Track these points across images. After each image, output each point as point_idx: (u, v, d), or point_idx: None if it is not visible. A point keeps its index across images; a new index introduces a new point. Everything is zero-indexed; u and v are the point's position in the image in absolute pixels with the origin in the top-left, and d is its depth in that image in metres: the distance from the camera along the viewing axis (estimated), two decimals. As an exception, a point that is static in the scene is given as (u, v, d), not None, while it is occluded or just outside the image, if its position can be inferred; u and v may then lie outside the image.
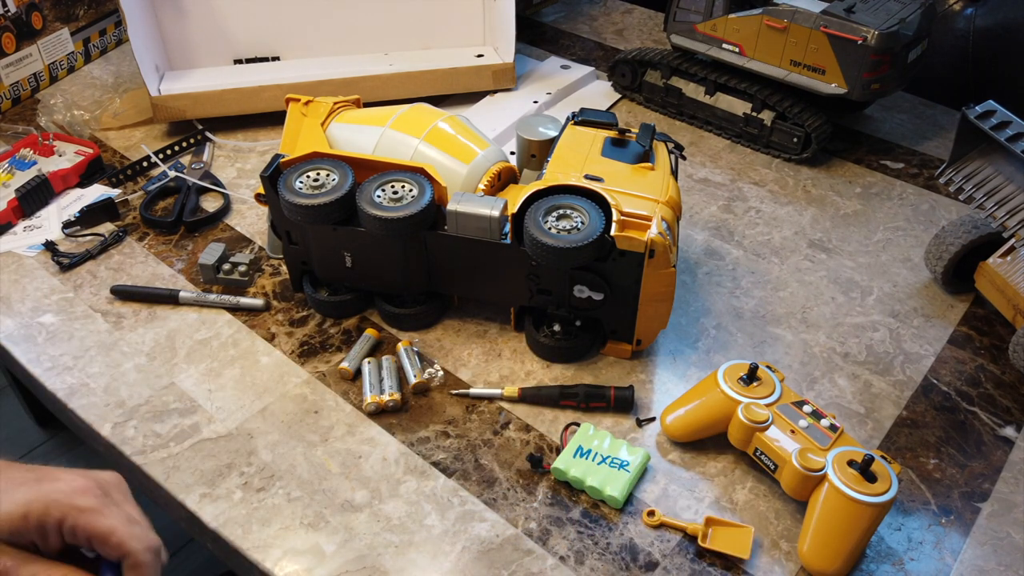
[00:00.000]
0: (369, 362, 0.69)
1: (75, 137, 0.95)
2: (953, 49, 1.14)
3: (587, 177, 0.66)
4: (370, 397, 0.66)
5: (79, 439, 0.72)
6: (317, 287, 0.73)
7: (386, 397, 0.66)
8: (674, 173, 0.71)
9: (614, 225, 0.62)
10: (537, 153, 0.76)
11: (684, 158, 0.75)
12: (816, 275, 0.80)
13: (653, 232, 0.62)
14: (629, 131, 0.73)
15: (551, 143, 0.74)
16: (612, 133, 0.73)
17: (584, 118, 0.74)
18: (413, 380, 0.67)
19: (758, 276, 0.79)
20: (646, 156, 0.70)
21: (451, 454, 0.63)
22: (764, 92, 0.92)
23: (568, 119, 0.75)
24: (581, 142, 0.72)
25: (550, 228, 0.62)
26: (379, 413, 0.66)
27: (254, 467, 0.62)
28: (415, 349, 0.71)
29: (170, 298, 0.75)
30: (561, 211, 0.63)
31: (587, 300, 0.66)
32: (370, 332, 0.71)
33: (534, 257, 0.63)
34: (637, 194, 0.65)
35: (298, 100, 0.78)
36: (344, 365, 0.68)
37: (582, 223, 0.62)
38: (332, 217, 0.66)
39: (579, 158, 0.69)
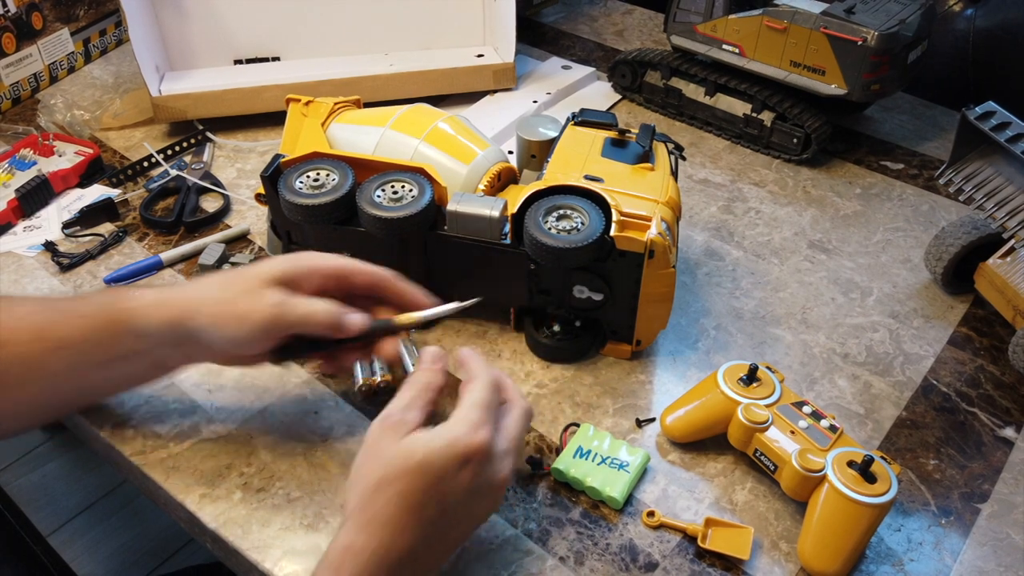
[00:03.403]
0: None
1: (75, 137, 0.95)
2: (953, 50, 1.14)
3: (587, 177, 0.66)
4: (361, 379, 0.66)
5: (79, 439, 0.72)
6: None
7: (378, 378, 0.66)
8: (674, 174, 0.71)
9: (614, 225, 0.62)
10: (537, 153, 0.76)
11: (684, 158, 0.75)
12: (816, 276, 0.80)
13: (653, 232, 0.62)
14: (629, 131, 0.73)
15: (551, 143, 0.74)
16: (612, 133, 0.73)
17: (584, 118, 0.74)
18: (411, 370, 0.68)
19: (758, 277, 0.79)
20: (646, 156, 0.70)
21: (451, 454, 0.63)
22: (764, 93, 0.92)
23: (568, 119, 0.75)
24: (581, 142, 0.72)
25: (550, 228, 0.62)
26: (372, 395, 0.67)
27: (254, 467, 0.62)
28: (412, 340, 0.71)
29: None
30: (561, 211, 0.63)
31: (587, 300, 0.66)
32: None
33: (534, 257, 0.63)
34: (637, 194, 0.65)
35: (298, 100, 0.78)
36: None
37: (582, 223, 0.62)
38: (332, 217, 0.66)
39: (579, 158, 0.69)
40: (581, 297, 0.66)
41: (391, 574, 0.47)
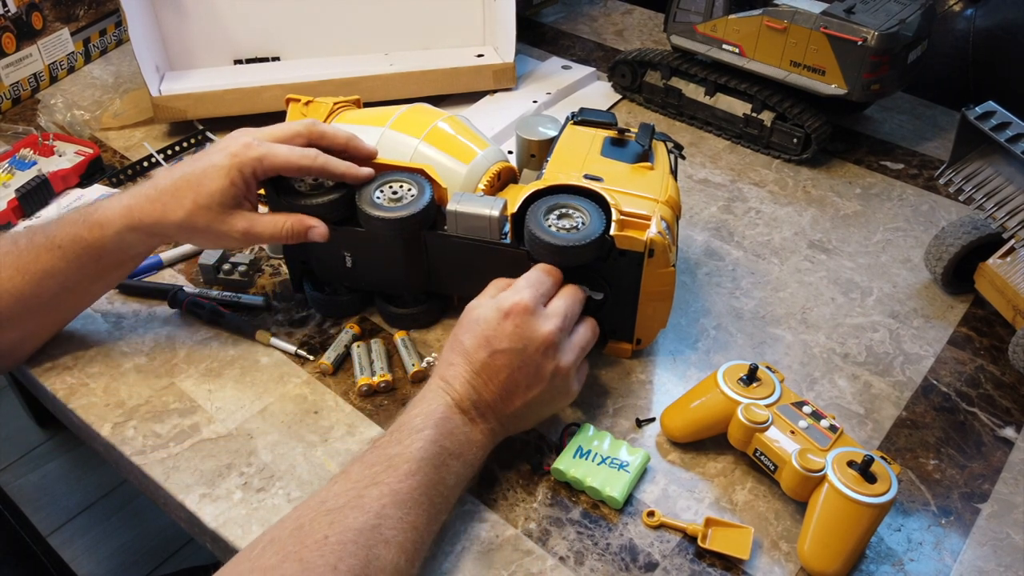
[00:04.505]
0: (358, 346, 0.69)
1: (75, 137, 0.95)
2: (953, 50, 1.14)
3: (587, 177, 0.66)
4: (361, 379, 0.67)
5: (79, 439, 0.72)
6: (317, 287, 0.73)
7: (376, 378, 0.67)
8: (673, 173, 0.71)
9: (614, 224, 0.62)
10: (536, 153, 0.76)
11: (683, 157, 0.75)
12: (816, 276, 0.80)
13: (652, 232, 0.62)
14: (628, 131, 0.73)
15: (550, 143, 0.74)
16: (611, 133, 0.73)
17: (583, 118, 0.74)
18: (411, 369, 0.68)
19: (758, 277, 0.79)
20: (645, 156, 0.70)
21: (451, 454, 0.63)
22: (764, 93, 0.92)
23: (567, 119, 0.75)
24: (580, 142, 0.72)
25: (551, 227, 0.62)
26: (372, 395, 0.67)
27: (254, 467, 0.62)
28: (411, 339, 0.71)
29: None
30: (561, 210, 0.63)
31: (587, 300, 0.66)
32: (349, 327, 0.72)
33: (536, 257, 0.63)
34: (636, 194, 0.65)
35: (298, 100, 0.78)
36: (322, 360, 0.69)
37: (583, 222, 0.62)
38: (332, 217, 0.66)
39: (579, 158, 0.70)
40: None
41: (457, 395, 0.58)
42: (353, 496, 0.51)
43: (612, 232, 0.62)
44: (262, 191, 0.70)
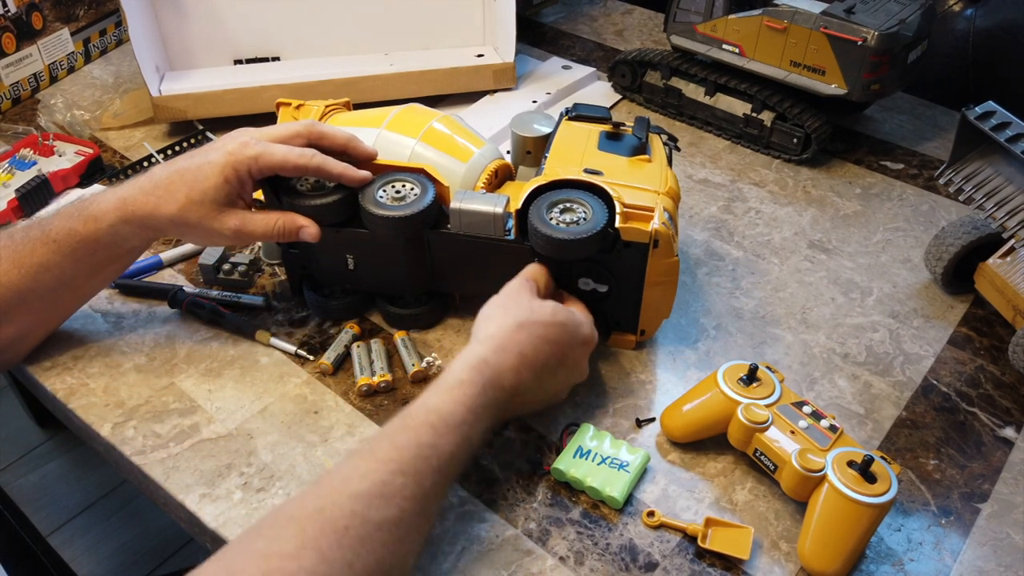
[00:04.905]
0: (358, 346, 0.69)
1: (75, 137, 0.95)
2: (953, 50, 1.14)
3: (586, 171, 0.67)
4: (361, 379, 0.67)
5: (79, 439, 0.72)
6: (316, 290, 0.73)
7: (376, 378, 0.67)
8: (669, 165, 0.71)
9: (618, 217, 0.62)
10: (532, 149, 0.76)
11: (679, 149, 0.75)
12: (816, 276, 0.80)
13: (656, 223, 0.62)
14: (623, 125, 0.73)
15: (546, 139, 0.74)
16: (607, 127, 0.73)
17: (578, 113, 0.75)
18: (412, 369, 0.68)
19: (758, 276, 0.79)
20: (643, 149, 0.70)
21: (451, 454, 0.63)
22: (764, 93, 0.92)
23: (562, 115, 0.76)
24: (577, 137, 0.72)
25: (555, 222, 0.62)
26: (372, 395, 0.67)
27: (254, 467, 0.62)
28: (411, 339, 0.71)
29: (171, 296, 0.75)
30: (564, 205, 0.64)
31: (592, 293, 0.66)
32: (349, 327, 0.72)
33: (542, 252, 0.63)
34: (637, 186, 0.66)
35: (289, 104, 0.78)
36: (322, 360, 0.69)
37: (585, 216, 0.63)
38: (334, 218, 0.66)
39: (577, 153, 0.70)
40: (586, 290, 0.66)
41: (503, 393, 0.57)
42: (378, 481, 0.50)
43: (617, 224, 0.62)
44: (259, 195, 0.69)
